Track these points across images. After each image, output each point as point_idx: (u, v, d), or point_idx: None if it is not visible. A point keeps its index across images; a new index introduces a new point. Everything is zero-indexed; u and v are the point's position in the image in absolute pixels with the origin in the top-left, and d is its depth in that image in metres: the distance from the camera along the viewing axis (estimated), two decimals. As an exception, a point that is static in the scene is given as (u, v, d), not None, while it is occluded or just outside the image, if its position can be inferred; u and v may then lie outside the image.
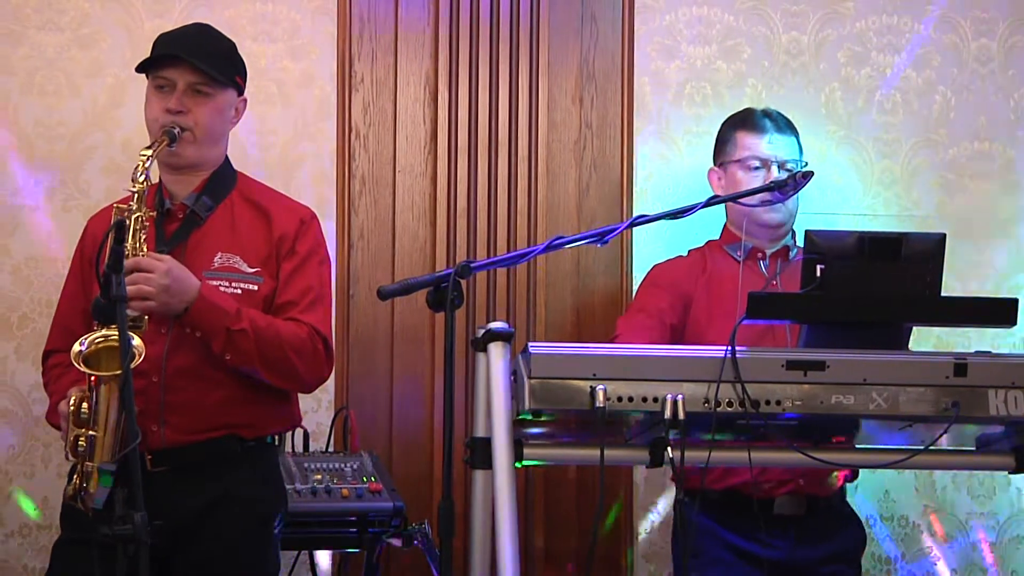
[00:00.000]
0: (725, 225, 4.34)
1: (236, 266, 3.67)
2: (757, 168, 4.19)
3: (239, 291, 3.63)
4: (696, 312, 4.17)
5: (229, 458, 3.63)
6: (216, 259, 3.66)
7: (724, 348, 3.18)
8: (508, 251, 4.67)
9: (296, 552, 4.35)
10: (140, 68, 3.69)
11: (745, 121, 4.28)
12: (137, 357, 3.30)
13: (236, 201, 3.75)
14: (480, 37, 4.74)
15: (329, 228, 4.62)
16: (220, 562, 3.59)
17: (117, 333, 3.19)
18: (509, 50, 4.75)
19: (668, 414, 3.13)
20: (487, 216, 4.75)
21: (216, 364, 3.57)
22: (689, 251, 4.37)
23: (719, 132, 4.35)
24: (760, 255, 4.24)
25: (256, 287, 3.67)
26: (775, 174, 4.15)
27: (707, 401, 3.17)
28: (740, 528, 4.05)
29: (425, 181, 4.75)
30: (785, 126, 4.26)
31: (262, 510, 3.68)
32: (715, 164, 4.33)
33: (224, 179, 3.76)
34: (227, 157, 3.79)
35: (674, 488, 4.43)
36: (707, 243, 4.36)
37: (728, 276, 4.19)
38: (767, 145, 4.20)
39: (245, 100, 3.81)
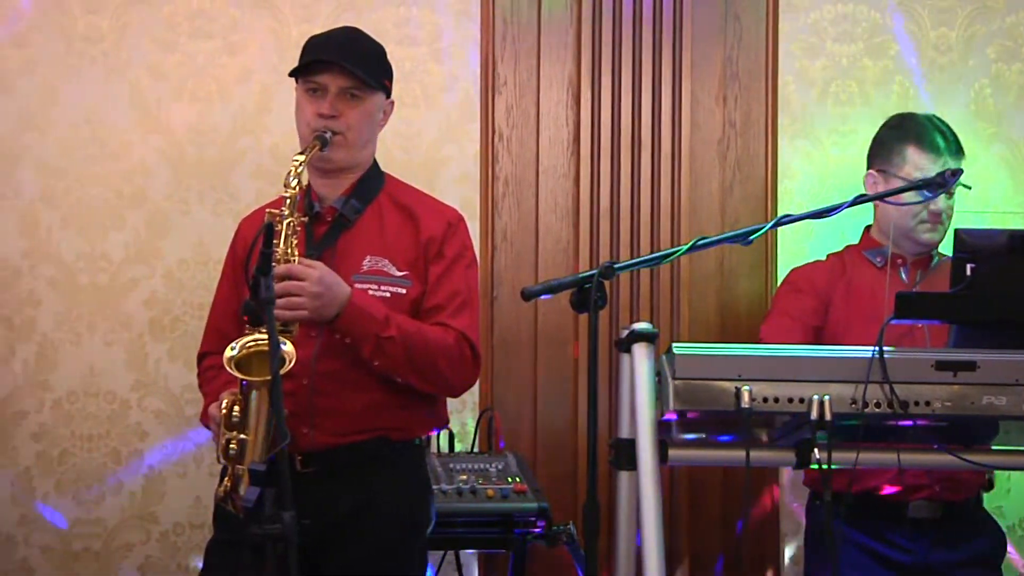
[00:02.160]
0: (866, 230, 4.27)
1: (384, 269, 3.68)
2: None
3: (387, 295, 3.64)
4: (835, 316, 4.12)
5: (378, 461, 3.64)
6: (365, 262, 3.67)
7: (871, 348, 3.14)
8: (651, 251, 4.65)
9: (442, 552, 4.38)
10: (292, 73, 3.72)
11: (920, 138, 4.13)
12: (287, 363, 3.34)
13: (384, 204, 3.76)
14: (623, 38, 4.73)
15: (473, 230, 4.63)
16: (369, 564, 3.61)
17: (265, 339, 3.24)
18: (652, 50, 4.74)
19: (815, 415, 3.10)
20: (630, 216, 4.74)
21: (366, 368, 3.59)
22: (828, 256, 4.32)
23: (881, 135, 4.25)
24: (900, 261, 4.17)
25: (404, 290, 3.67)
26: (941, 204, 4.06)
27: (854, 402, 3.13)
28: (874, 531, 4.00)
29: (568, 182, 4.75)
30: (957, 149, 4.12)
31: (410, 512, 3.70)
32: (873, 168, 4.22)
33: (372, 182, 3.78)
34: (375, 160, 3.81)
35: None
36: (845, 248, 4.31)
37: (867, 281, 4.13)
38: (940, 169, 3.94)
39: (393, 103, 3.82)
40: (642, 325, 3.27)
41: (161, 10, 4.54)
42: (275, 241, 3.50)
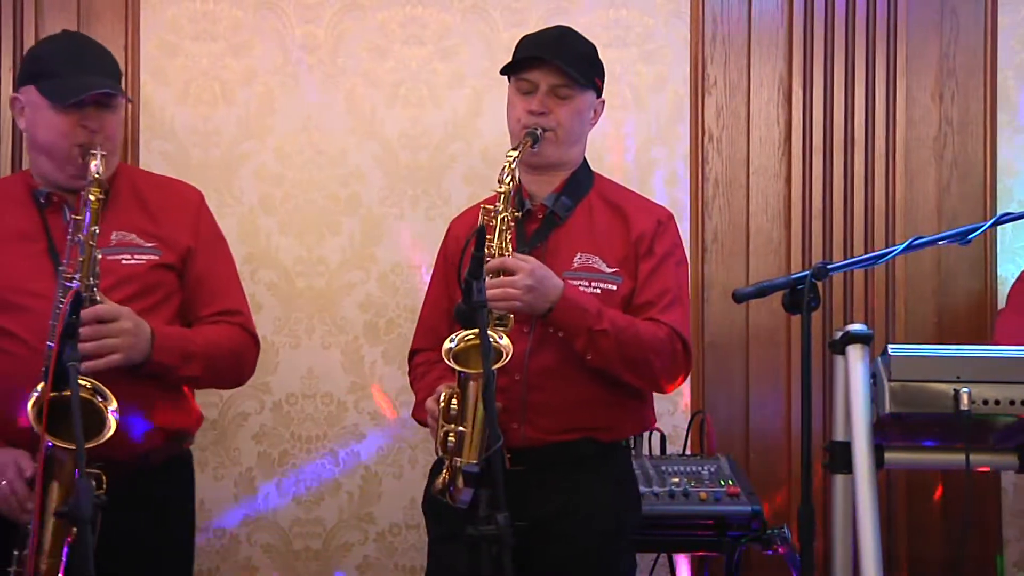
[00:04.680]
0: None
1: (595, 266, 3.70)
2: None
3: (598, 291, 3.66)
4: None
5: (586, 461, 3.65)
6: (576, 259, 3.69)
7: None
8: (865, 252, 4.60)
9: (655, 555, 4.37)
10: (504, 71, 3.76)
11: None
12: (504, 356, 3.38)
13: (594, 202, 3.78)
14: (835, 35, 4.67)
15: (682, 231, 4.62)
16: (574, 563, 3.62)
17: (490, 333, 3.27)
18: (865, 47, 4.67)
19: (1037, 418, 3.03)
20: (843, 216, 4.68)
21: (577, 364, 3.60)
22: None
23: None
24: None
25: (615, 287, 3.68)
26: None
27: (1081, 404, 3.05)
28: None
29: (779, 182, 4.71)
30: None
31: (617, 515, 3.69)
32: None
33: (582, 180, 3.80)
34: (585, 159, 3.83)
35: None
36: None
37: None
38: None
39: (603, 102, 3.83)
40: (856, 326, 3.23)
41: (375, 18, 4.62)
42: (488, 237, 3.53)
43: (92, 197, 3.44)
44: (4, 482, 3.39)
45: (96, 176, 3.44)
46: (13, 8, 4.48)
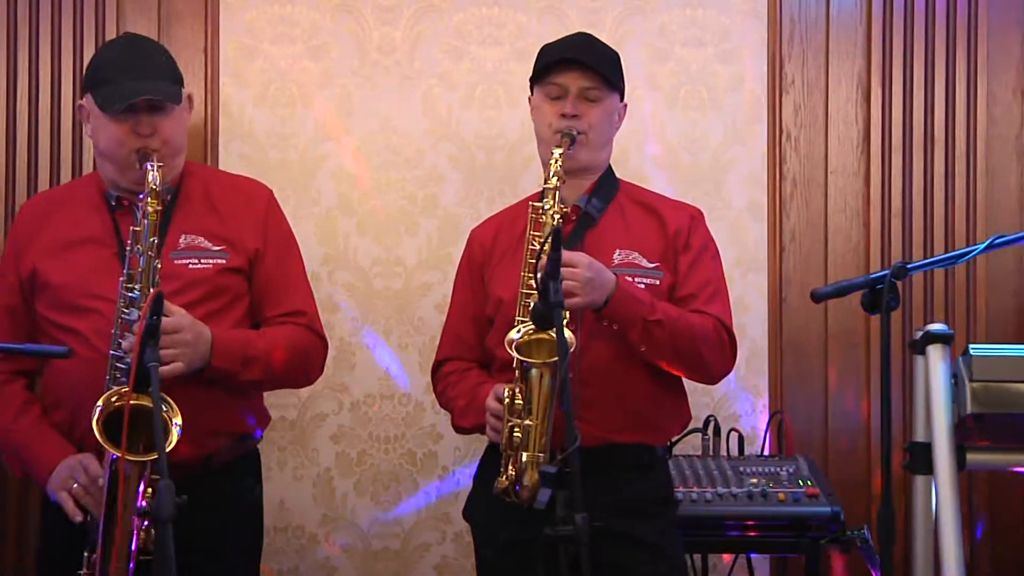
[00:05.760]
0: None
1: (636, 262, 3.72)
2: None
3: (641, 286, 3.67)
4: None
5: (636, 465, 3.68)
6: (616, 256, 3.71)
7: None
8: (945, 251, 4.57)
9: (733, 556, 4.36)
10: (535, 76, 3.79)
11: None
12: (571, 348, 3.38)
13: (624, 202, 3.83)
14: (915, 32, 4.64)
15: (760, 231, 4.62)
16: (636, 560, 3.63)
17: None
18: (945, 44, 4.63)
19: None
20: (923, 215, 4.65)
21: (627, 360, 3.62)
22: None
23: None
24: None
25: (658, 281, 3.71)
26: None
27: None
28: None
29: (858, 181, 4.68)
30: None
31: (663, 514, 3.72)
32: None
33: (610, 182, 3.84)
34: (610, 163, 3.86)
35: None
36: None
37: None
38: None
39: (626, 106, 3.88)
40: (937, 326, 3.21)
41: (451, 19, 4.64)
42: (536, 234, 3.59)
43: (149, 209, 3.47)
44: (76, 485, 3.46)
45: (153, 187, 3.48)
46: (95, 12, 4.53)
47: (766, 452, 4.45)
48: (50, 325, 3.62)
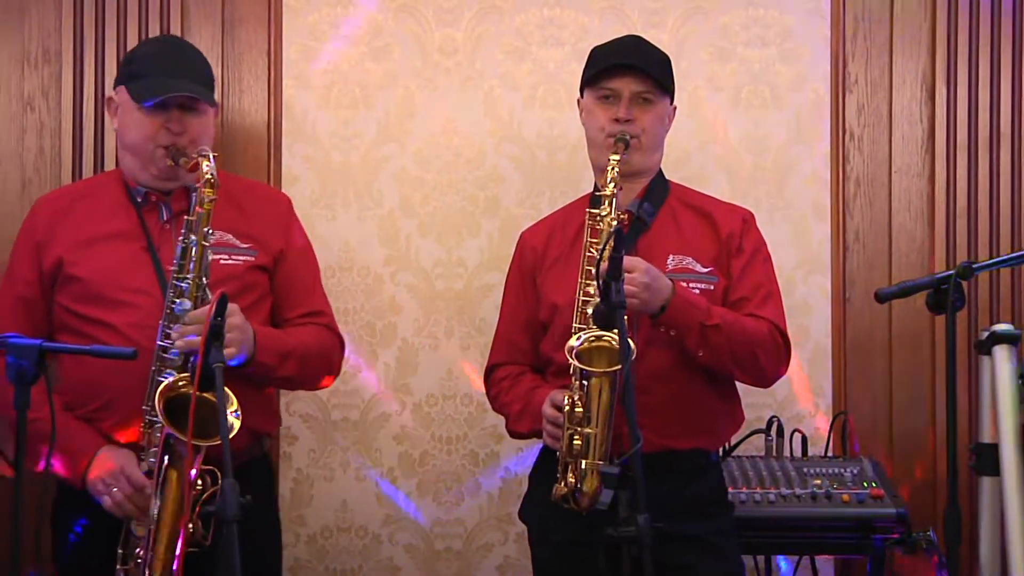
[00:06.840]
0: None
1: (690, 267, 3.72)
2: None
3: (696, 291, 3.67)
4: None
5: (693, 469, 3.68)
6: (669, 261, 3.72)
7: None
8: (1012, 251, 4.53)
9: (797, 557, 4.34)
10: (587, 81, 3.81)
11: None
12: (632, 354, 3.38)
13: (675, 206, 3.82)
14: (980, 30, 4.60)
15: (824, 231, 4.60)
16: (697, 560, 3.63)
17: (608, 335, 3.31)
18: (1012, 41, 4.59)
19: None
20: (988, 215, 4.61)
21: (682, 365, 3.63)
22: None
23: None
24: None
25: (712, 286, 3.71)
26: None
27: None
28: None
29: (922, 181, 4.65)
30: None
31: (721, 514, 3.73)
32: None
33: (661, 186, 3.84)
34: (660, 167, 3.86)
35: None
36: None
37: None
38: None
39: (675, 108, 3.88)
40: (1003, 327, 3.20)
41: (513, 20, 4.64)
42: (593, 240, 3.60)
43: (205, 198, 3.50)
44: (116, 490, 3.46)
45: (209, 177, 3.50)
46: (160, 15, 4.56)
47: (830, 453, 4.43)
48: (75, 318, 3.63)
